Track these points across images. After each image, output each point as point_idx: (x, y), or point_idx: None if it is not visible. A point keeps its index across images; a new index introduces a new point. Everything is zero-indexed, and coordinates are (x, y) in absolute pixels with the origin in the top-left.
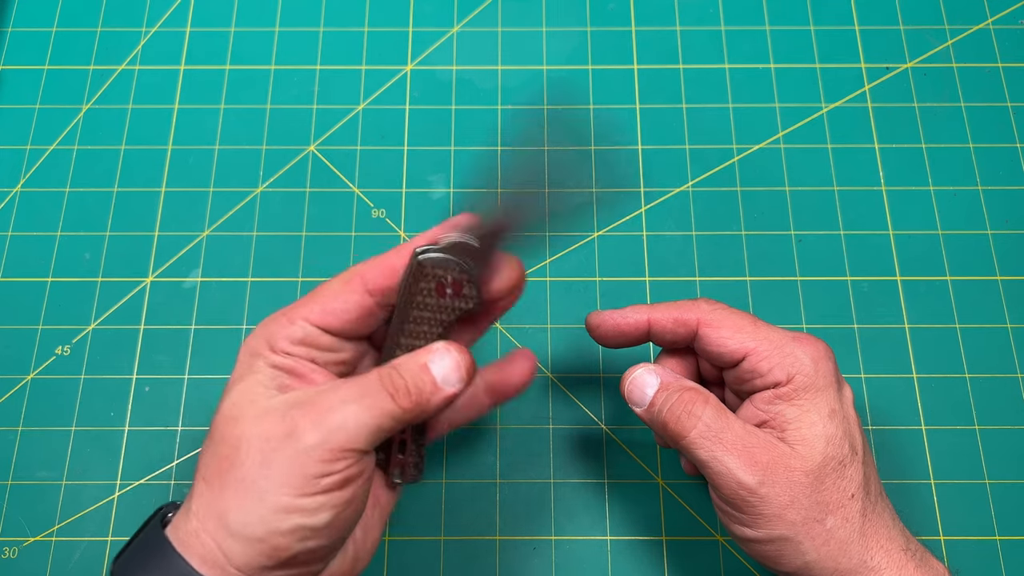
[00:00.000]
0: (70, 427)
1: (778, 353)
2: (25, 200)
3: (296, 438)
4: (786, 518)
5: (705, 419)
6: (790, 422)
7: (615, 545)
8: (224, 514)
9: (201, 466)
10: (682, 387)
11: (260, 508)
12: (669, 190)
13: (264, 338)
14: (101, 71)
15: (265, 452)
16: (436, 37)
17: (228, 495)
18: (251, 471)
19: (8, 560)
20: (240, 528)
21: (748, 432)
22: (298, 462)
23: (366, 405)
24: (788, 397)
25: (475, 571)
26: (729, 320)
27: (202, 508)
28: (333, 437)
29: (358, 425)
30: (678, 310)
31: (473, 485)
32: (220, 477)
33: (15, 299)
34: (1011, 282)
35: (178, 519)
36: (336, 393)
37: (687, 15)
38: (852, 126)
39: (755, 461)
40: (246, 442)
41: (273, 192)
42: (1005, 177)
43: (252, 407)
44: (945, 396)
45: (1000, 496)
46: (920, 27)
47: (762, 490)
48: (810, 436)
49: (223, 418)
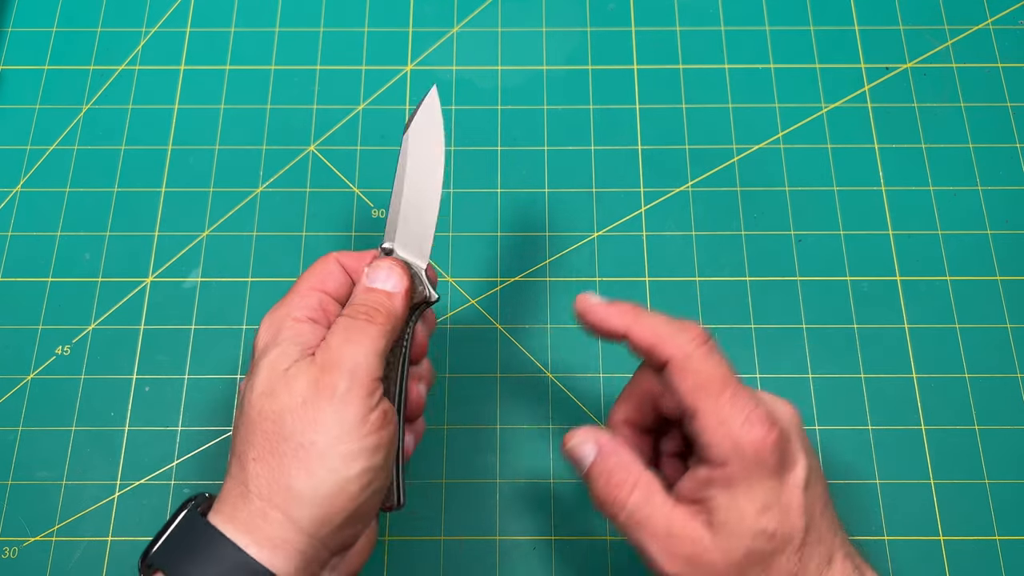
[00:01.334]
0: (70, 427)
1: (720, 432)
2: (25, 200)
3: (331, 390)
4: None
5: (630, 505)
6: (719, 510)
7: (615, 545)
8: (290, 483)
9: (247, 448)
10: (615, 465)
11: (327, 464)
12: (669, 190)
13: (280, 315)
14: (101, 71)
15: (309, 413)
16: (436, 37)
17: (289, 464)
18: (304, 435)
19: (8, 560)
20: (311, 490)
21: (673, 521)
22: (344, 410)
23: (358, 338)
24: (721, 483)
25: (475, 571)
26: (695, 374)
27: (263, 486)
28: (357, 375)
29: (366, 354)
30: (657, 338)
31: (473, 485)
32: (273, 452)
33: (15, 299)
34: (1011, 282)
35: (232, 505)
36: (331, 341)
37: (687, 15)
38: (852, 126)
39: (676, 553)
40: (288, 411)
41: (273, 192)
42: (1005, 177)
43: (283, 378)
44: (945, 396)
45: (1000, 496)
46: (920, 27)
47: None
48: (736, 531)
49: (258, 395)
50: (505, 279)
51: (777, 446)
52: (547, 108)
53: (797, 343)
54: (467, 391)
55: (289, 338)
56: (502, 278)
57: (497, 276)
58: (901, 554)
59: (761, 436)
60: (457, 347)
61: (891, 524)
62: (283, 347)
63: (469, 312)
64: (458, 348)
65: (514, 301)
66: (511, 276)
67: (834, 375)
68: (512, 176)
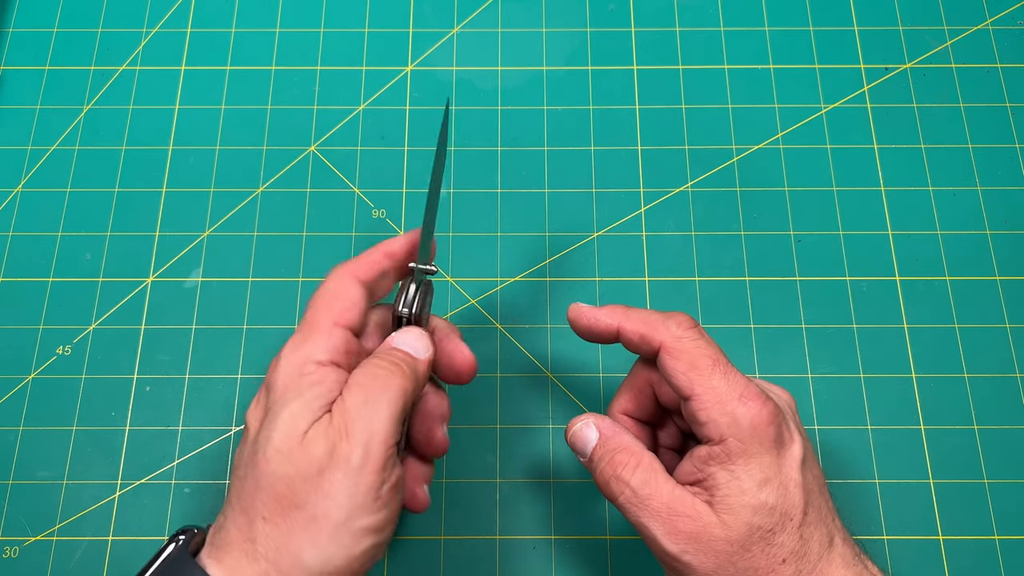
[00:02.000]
0: (71, 427)
1: (717, 409)
2: (26, 200)
3: (345, 461)
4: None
5: (633, 484)
6: (719, 487)
7: (615, 545)
8: (298, 554)
9: (257, 505)
10: (616, 447)
11: (337, 540)
12: (669, 190)
13: (303, 357)
14: (102, 71)
15: (323, 485)
16: (436, 38)
17: (299, 534)
18: (319, 507)
19: (9, 560)
20: (320, 564)
21: (675, 499)
22: (358, 482)
23: (377, 397)
24: (720, 460)
25: (475, 571)
26: (688, 354)
27: (271, 550)
28: (371, 446)
29: (382, 421)
30: (647, 327)
31: (473, 485)
32: (284, 517)
33: (16, 299)
34: (1010, 282)
35: (236, 559)
36: (348, 401)
37: (687, 16)
38: (851, 126)
39: (678, 530)
40: (302, 479)
41: (273, 192)
42: (1004, 177)
43: (301, 441)
44: (944, 396)
45: (999, 496)
46: (919, 28)
47: (685, 558)
48: (737, 505)
49: (275, 452)
50: (505, 279)
51: (773, 419)
52: (547, 108)
53: (797, 343)
54: (467, 391)
55: (312, 388)
56: (502, 278)
57: (497, 276)
58: (901, 554)
59: (757, 409)
60: None
61: (891, 524)
62: (305, 400)
63: (469, 312)
64: None
65: (514, 301)
66: (511, 276)
67: (834, 375)
68: (512, 176)
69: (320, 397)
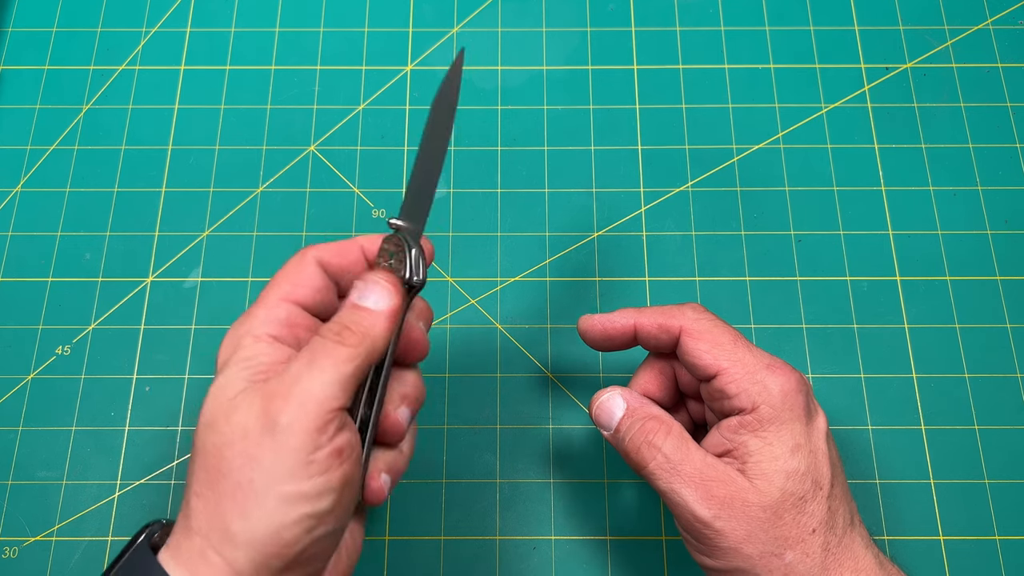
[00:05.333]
0: (70, 427)
1: (747, 379)
2: (25, 200)
3: (272, 423)
4: (743, 552)
5: (665, 450)
6: (752, 454)
7: (615, 545)
8: (226, 524)
9: (193, 482)
10: (646, 415)
11: (262, 506)
12: (669, 190)
13: (240, 333)
14: (101, 71)
15: (249, 448)
16: (436, 37)
17: (225, 504)
18: (242, 472)
19: (8, 560)
20: (246, 534)
21: (707, 465)
22: (284, 446)
23: (322, 363)
24: (752, 428)
25: (475, 571)
26: (710, 333)
27: (203, 524)
28: (306, 406)
29: (323, 383)
30: (663, 316)
31: (473, 485)
32: (212, 488)
33: (16, 299)
34: (1010, 282)
35: (177, 540)
36: (293, 365)
37: (687, 15)
38: (852, 126)
39: (712, 495)
40: (227, 446)
41: (273, 192)
42: (1005, 177)
43: (225, 408)
44: (945, 396)
45: (999, 496)
46: (919, 27)
47: (717, 524)
48: (770, 471)
49: (202, 427)
50: (505, 279)
51: (801, 387)
52: (547, 108)
53: (797, 343)
54: (467, 391)
55: (242, 360)
56: (502, 278)
57: (497, 276)
58: (901, 554)
59: (786, 377)
60: (457, 347)
61: (891, 524)
62: (232, 371)
63: (469, 312)
64: (458, 348)
65: (514, 301)
66: (511, 276)
67: (834, 375)
68: (512, 176)
69: (248, 369)
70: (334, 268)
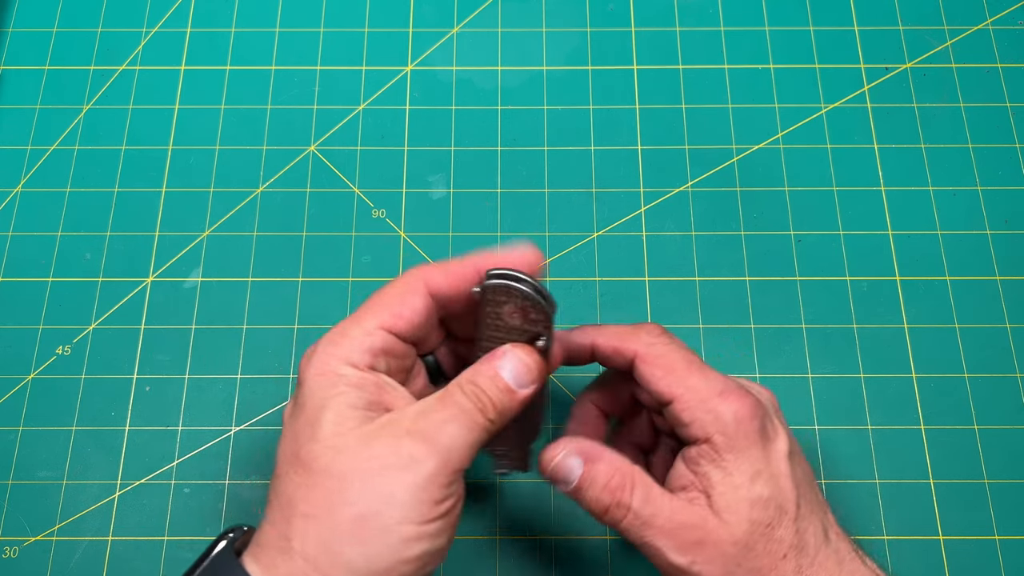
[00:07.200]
0: (71, 427)
1: (700, 407)
2: (26, 200)
3: (417, 466)
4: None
5: (634, 507)
6: (715, 485)
7: (615, 545)
8: (342, 551)
9: (297, 499)
10: (607, 469)
11: (386, 541)
12: (669, 190)
13: (339, 357)
14: (102, 71)
15: (385, 485)
16: (436, 38)
17: (345, 531)
18: (372, 505)
19: (9, 560)
20: (365, 564)
21: (676, 511)
22: (423, 490)
23: (463, 424)
24: (710, 457)
25: (475, 571)
26: (663, 359)
27: (311, 547)
28: (449, 460)
29: (463, 445)
30: (619, 339)
31: (473, 485)
32: (331, 514)
33: (16, 299)
34: (1010, 282)
35: (271, 557)
36: (434, 415)
37: (687, 15)
38: (851, 126)
39: (685, 542)
40: (359, 475)
41: (273, 192)
42: (1004, 177)
43: (355, 436)
44: (944, 396)
45: (999, 496)
46: (919, 27)
47: (695, 568)
48: (734, 501)
49: (325, 448)
50: None
51: (755, 413)
52: (547, 108)
53: (797, 343)
54: None
55: (355, 389)
56: None
57: None
58: (901, 554)
59: (738, 404)
60: None
61: (891, 524)
62: (349, 398)
63: None
64: None
65: None
66: None
67: (834, 375)
68: (512, 176)
69: (363, 398)
70: (445, 293)
